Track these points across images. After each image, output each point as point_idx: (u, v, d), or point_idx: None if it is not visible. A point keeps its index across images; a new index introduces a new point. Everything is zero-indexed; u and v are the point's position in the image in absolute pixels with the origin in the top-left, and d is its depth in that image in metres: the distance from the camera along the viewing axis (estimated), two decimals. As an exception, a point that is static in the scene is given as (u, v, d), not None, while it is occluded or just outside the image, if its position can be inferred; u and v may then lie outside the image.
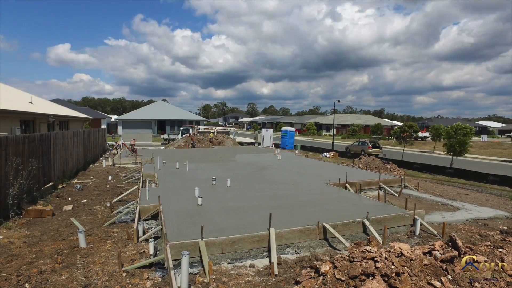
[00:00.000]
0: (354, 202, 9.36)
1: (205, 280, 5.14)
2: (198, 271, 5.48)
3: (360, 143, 29.57)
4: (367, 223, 7.44)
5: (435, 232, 7.59)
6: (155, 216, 8.46)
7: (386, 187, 12.26)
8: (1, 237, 6.80)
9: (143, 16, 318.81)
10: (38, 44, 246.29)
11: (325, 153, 26.57)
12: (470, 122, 70.21)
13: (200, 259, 5.78)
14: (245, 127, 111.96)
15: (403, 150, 29.35)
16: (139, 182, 12.00)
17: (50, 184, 11.45)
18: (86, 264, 5.65)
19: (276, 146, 30.83)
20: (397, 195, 11.62)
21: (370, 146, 27.39)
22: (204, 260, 5.50)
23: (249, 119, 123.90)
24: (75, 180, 13.37)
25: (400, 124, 60.31)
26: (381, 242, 6.57)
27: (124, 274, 5.26)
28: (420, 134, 49.36)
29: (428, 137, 51.05)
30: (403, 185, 13.45)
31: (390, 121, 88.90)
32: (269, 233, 6.41)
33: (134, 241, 6.67)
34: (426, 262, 4.74)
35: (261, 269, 5.64)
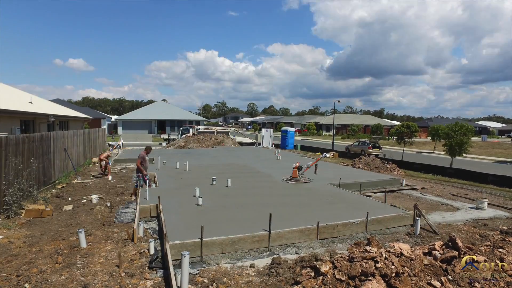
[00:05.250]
0: (354, 202, 9.36)
1: (205, 280, 5.14)
2: (198, 271, 5.48)
3: (360, 143, 29.53)
4: (367, 222, 7.44)
5: (436, 230, 7.58)
6: (155, 216, 8.46)
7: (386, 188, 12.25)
8: (1, 237, 6.80)
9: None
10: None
11: (325, 153, 26.54)
12: (470, 122, 70.02)
13: (200, 259, 5.78)
14: (245, 126, 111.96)
15: (403, 150, 29.33)
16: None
17: (50, 184, 11.45)
18: (86, 264, 5.65)
19: (276, 146, 30.77)
20: (398, 196, 11.61)
21: (370, 146, 27.34)
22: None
23: (249, 119, 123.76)
24: (75, 180, 13.36)
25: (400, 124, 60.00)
26: (380, 242, 6.57)
27: (124, 274, 5.26)
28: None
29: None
30: (403, 185, 13.45)
31: (390, 121, 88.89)
32: (269, 233, 6.41)
33: (134, 241, 6.67)
34: (426, 262, 4.74)
35: (261, 269, 5.64)
